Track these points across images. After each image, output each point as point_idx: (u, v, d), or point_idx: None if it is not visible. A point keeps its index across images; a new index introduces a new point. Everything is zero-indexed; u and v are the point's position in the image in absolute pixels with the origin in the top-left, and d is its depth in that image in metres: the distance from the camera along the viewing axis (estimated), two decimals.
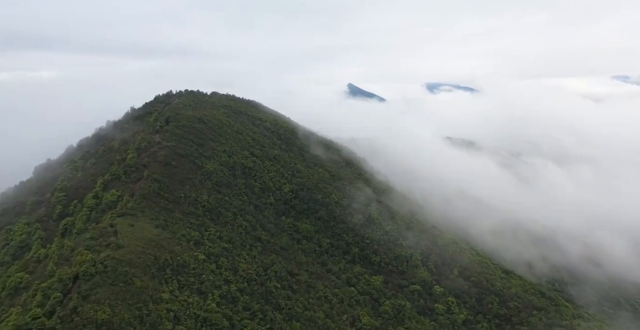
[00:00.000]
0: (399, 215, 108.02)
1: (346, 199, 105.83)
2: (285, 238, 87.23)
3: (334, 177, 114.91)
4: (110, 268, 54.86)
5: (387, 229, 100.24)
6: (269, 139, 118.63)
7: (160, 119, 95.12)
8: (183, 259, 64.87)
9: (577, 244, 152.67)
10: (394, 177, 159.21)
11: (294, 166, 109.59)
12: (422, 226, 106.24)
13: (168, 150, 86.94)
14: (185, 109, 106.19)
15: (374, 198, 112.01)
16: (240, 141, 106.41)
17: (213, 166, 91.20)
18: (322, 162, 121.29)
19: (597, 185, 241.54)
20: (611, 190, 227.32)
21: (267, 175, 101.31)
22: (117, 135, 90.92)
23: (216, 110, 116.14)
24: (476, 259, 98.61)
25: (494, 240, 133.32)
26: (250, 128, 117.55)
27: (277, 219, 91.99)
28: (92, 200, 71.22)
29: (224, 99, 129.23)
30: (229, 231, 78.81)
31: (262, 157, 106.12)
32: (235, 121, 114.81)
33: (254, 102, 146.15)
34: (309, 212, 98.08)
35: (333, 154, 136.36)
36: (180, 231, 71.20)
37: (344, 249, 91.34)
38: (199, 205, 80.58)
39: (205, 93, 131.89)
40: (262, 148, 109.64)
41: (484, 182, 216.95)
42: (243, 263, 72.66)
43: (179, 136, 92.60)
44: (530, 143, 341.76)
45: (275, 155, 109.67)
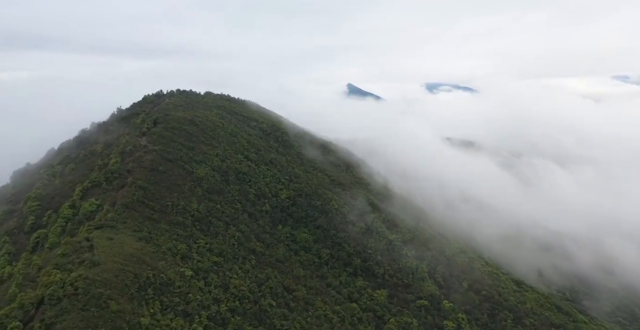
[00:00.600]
0: (402, 222, 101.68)
1: (347, 206, 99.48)
2: (282, 249, 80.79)
3: (333, 182, 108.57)
4: (82, 290, 48.30)
5: (390, 237, 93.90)
6: (265, 141, 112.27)
7: (147, 120, 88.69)
8: (167, 276, 58.36)
9: (586, 249, 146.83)
10: (394, 179, 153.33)
11: (292, 171, 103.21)
12: (427, 234, 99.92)
13: (155, 154, 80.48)
14: (175, 109, 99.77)
15: (376, 204, 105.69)
16: (234, 144, 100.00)
17: (204, 171, 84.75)
18: (321, 166, 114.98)
19: (601, 186, 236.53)
20: (615, 192, 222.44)
21: (263, 180, 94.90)
22: (101, 138, 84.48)
23: (209, 111, 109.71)
24: (486, 269, 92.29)
25: (500, 246, 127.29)
26: (245, 130, 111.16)
27: (273, 228, 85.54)
28: (68, 210, 64.71)
29: (218, 99, 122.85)
30: (220, 243, 72.32)
31: (258, 161, 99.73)
32: (229, 123, 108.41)
33: (250, 102, 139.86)
34: (308, 221, 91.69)
35: (333, 157, 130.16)
36: (166, 244, 64.69)
37: (344, 260, 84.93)
38: (188, 215, 74.12)
39: (199, 93, 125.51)
40: (257, 151, 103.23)
41: (486, 184, 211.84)
42: (235, 279, 66.20)
43: (167, 139, 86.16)
44: (530, 143, 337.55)
45: (272, 159, 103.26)
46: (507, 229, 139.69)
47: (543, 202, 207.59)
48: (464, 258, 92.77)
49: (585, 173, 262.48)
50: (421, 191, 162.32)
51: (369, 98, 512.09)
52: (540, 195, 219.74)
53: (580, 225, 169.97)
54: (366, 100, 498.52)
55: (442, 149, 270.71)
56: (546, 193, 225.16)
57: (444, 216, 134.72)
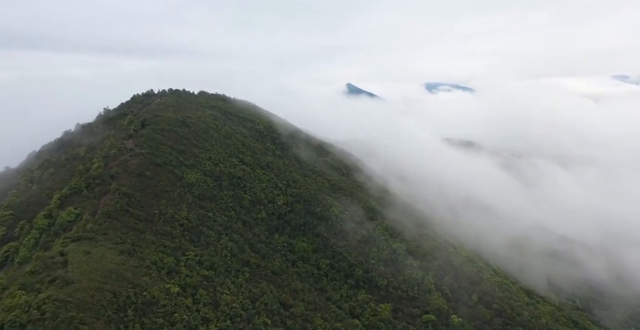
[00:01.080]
0: (405, 229, 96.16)
1: (347, 212, 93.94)
2: (278, 260, 75.20)
3: (333, 186, 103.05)
4: (50, 314, 42.73)
5: (393, 246, 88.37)
6: (262, 143, 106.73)
7: (135, 121, 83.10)
8: (151, 294, 52.75)
9: (594, 254, 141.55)
10: (394, 182, 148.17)
11: (290, 175, 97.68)
12: (432, 242, 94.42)
13: (142, 158, 74.87)
14: (166, 110, 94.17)
15: (378, 210, 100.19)
16: (228, 147, 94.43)
17: (195, 176, 79.14)
18: (320, 170, 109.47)
19: (605, 188, 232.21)
20: (619, 194, 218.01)
21: (259, 185, 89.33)
22: (85, 141, 78.88)
23: (202, 112, 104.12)
24: (496, 280, 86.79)
25: (506, 252, 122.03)
26: (240, 132, 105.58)
27: (269, 237, 79.97)
28: (43, 220, 59.09)
29: (212, 99, 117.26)
30: (211, 254, 66.72)
31: (253, 165, 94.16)
32: (223, 124, 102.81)
33: (246, 102, 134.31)
34: (306, 228, 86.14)
35: (332, 159, 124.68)
36: (151, 257, 59.07)
37: (345, 271, 79.36)
38: (177, 224, 68.51)
39: (192, 92, 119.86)
40: (253, 154, 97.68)
41: (488, 186, 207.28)
42: (226, 294, 60.60)
43: (156, 142, 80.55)
44: (530, 143, 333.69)
45: (268, 163, 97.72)
46: (512, 233, 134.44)
47: (547, 204, 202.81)
48: (473, 268, 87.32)
49: (588, 174, 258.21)
50: (422, 194, 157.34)
51: (369, 98, 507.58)
52: (543, 198, 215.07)
53: (587, 229, 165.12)
54: (366, 100, 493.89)
55: (442, 150, 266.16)
56: (550, 195, 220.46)
57: (447, 221, 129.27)
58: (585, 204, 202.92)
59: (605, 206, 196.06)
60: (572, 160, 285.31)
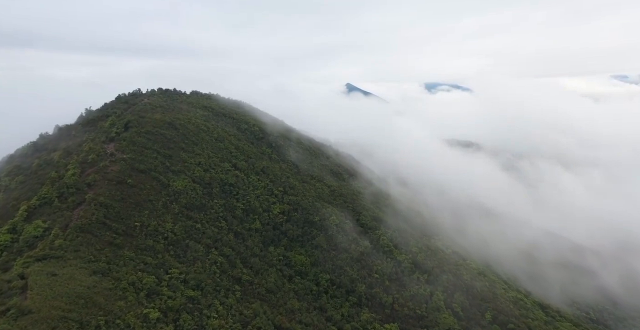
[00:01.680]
0: (411, 238, 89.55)
1: (349, 221, 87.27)
2: (273, 276, 68.42)
3: (333, 193, 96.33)
4: None
5: (399, 258, 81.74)
6: (257, 147, 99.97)
7: (117, 123, 76.26)
8: (125, 322, 45.90)
9: (606, 262, 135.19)
10: (397, 186, 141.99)
11: (286, 181, 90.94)
12: (441, 253, 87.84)
13: (123, 164, 68.02)
14: (153, 111, 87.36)
15: (381, 217, 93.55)
16: (220, 151, 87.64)
17: (183, 184, 72.32)
18: (319, 175, 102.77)
19: (610, 190, 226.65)
20: (626, 196, 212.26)
21: (253, 193, 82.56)
22: (62, 145, 72.05)
23: (193, 113, 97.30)
24: (510, 295, 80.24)
25: (515, 261, 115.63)
26: (234, 134, 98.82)
27: (263, 250, 73.18)
28: (6, 236, 52.18)
29: (204, 99, 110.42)
30: (198, 272, 59.90)
31: (247, 171, 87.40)
32: (215, 126, 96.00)
33: (241, 102, 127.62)
34: (304, 239, 79.46)
35: (332, 163, 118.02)
36: (129, 277, 52.20)
37: (347, 286, 72.65)
38: (160, 237, 61.67)
39: (184, 92, 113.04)
40: (247, 159, 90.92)
41: (492, 189, 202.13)
42: (214, 318, 53.81)
43: (140, 146, 73.72)
44: (531, 143, 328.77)
45: (264, 168, 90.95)
46: (520, 241, 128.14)
47: (553, 208, 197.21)
48: (484, 282, 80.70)
49: (592, 175, 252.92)
50: (425, 199, 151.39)
51: (368, 98, 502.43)
52: (548, 201, 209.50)
53: (596, 235, 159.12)
54: (365, 100, 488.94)
55: (443, 152, 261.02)
56: (555, 198, 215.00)
57: (452, 228, 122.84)
58: (592, 207, 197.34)
59: (612, 209, 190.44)
60: (574, 160, 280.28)
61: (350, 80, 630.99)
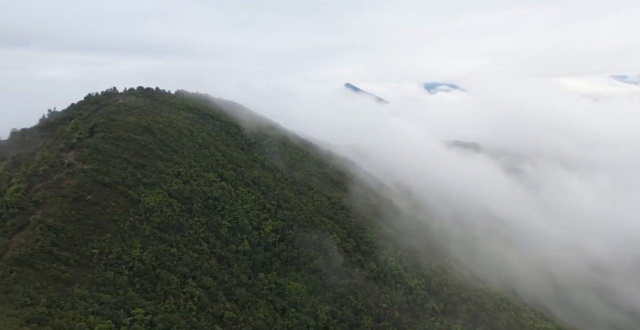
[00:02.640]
0: (423, 259, 78.47)
1: (352, 240, 76.19)
2: (263, 310, 57.24)
3: (335, 205, 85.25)
4: None
5: (410, 283, 70.66)
6: (248, 154, 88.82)
7: (82, 127, 65.10)
8: None
9: (631, 279, 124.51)
10: (400, 193, 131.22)
11: (281, 192, 79.80)
12: (458, 276, 76.78)
13: (83, 176, 56.79)
14: (127, 113, 76.17)
15: (388, 234, 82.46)
16: (204, 159, 76.44)
17: (157, 199, 61.11)
18: (318, 185, 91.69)
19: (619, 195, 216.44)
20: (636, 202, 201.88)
21: (242, 208, 71.39)
22: (11, 153, 60.80)
23: (176, 115, 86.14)
24: (540, 327, 69.18)
25: (534, 279, 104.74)
26: (222, 139, 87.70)
27: (252, 278, 62.02)
28: None
29: (190, 99, 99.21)
30: (170, 310, 48.65)
31: (236, 181, 76.22)
32: (200, 130, 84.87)
33: (233, 103, 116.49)
34: (300, 262, 68.35)
35: (333, 171, 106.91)
36: (75, 324, 40.98)
37: (351, 320, 61.56)
38: (124, 267, 50.45)
39: (168, 91, 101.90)
40: (236, 168, 79.76)
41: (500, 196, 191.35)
42: None
43: (106, 154, 62.51)
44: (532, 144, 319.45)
45: (255, 178, 79.80)
46: (536, 255, 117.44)
47: (564, 215, 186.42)
48: (510, 311, 69.64)
49: (598, 179, 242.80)
50: (430, 207, 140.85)
51: (368, 98, 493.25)
52: (558, 207, 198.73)
53: (616, 247, 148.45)
54: (364, 101, 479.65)
55: (445, 154, 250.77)
56: (564, 204, 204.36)
57: (463, 241, 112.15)
58: (604, 214, 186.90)
59: (626, 217, 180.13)
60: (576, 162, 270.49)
61: (350, 80, 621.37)
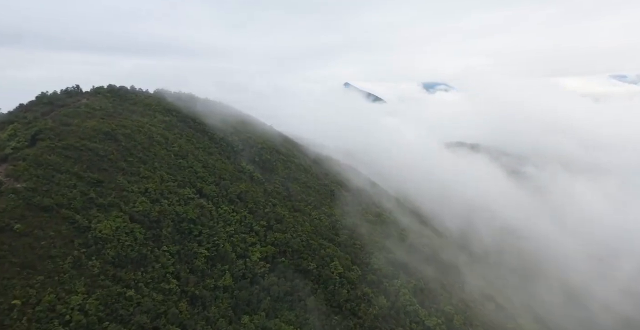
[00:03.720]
0: (442, 291, 66.12)
1: (357, 268, 63.74)
2: None
3: (336, 225, 72.79)
4: None
5: (429, 323, 58.26)
6: (235, 163, 76.27)
7: (22, 134, 52.52)
8: None
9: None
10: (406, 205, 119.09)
11: (272, 210, 67.29)
12: (484, 312, 64.41)
13: (14, 198, 44.14)
14: (87, 116, 63.56)
15: (400, 260, 70.02)
16: (180, 171, 63.85)
17: (113, 225, 48.44)
18: (317, 199, 79.20)
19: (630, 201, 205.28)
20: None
21: (224, 231, 58.83)
22: None
23: (150, 118, 73.53)
24: None
25: (566, 311, 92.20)
26: (204, 146, 75.14)
27: (234, 322, 49.42)
28: None
29: (169, 100, 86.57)
30: None
31: (218, 198, 63.66)
32: (178, 136, 72.33)
33: (220, 104, 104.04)
34: (294, 299, 55.80)
35: (333, 180, 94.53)
36: None
37: None
38: (57, 323, 37.77)
39: (145, 91, 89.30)
40: (219, 181, 67.20)
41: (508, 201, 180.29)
42: None
43: (51, 168, 49.90)
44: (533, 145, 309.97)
45: (242, 193, 67.24)
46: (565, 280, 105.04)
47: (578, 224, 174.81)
48: None
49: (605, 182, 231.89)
50: (438, 220, 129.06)
51: (366, 98, 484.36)
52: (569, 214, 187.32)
53: None
54: (363, 101, 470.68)
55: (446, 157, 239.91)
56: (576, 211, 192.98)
57: (481, 263, 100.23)
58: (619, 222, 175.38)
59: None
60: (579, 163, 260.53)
61: (349, 80, 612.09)
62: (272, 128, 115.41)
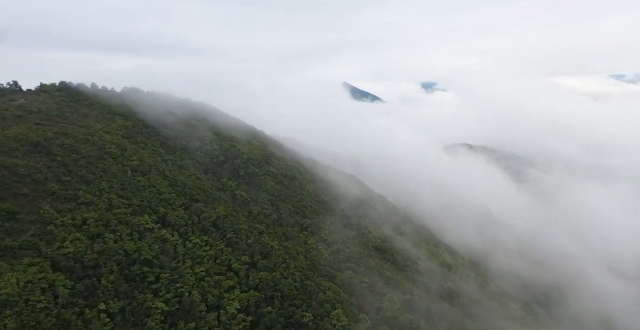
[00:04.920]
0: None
1: (366, 317, 49.40)
2: None
3: (338, 256, 58.45)
4: None
5: None
6: (214, 179, 61.85)
7: None
8: None
9: None
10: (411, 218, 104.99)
11: (258, 240, 52.89)
12: None
13: None
14: (16, 120, 48.93)
15: (418, 303, 55.67)
16: (137, 192, 49.34)
17: (21, 279, 33.88)
18: (314, 223, 64.63)
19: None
20: None
21: (191, 273, 44.40)
22: None
23: (105, 123, 58.97)
24: None
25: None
26: (174, 158, 60.66)
27: None
28: None
29: (135, 102, 71.78)
30: None
31: (187, 227, 49.19)
32: (139, 146, 57.80)
33: (204, 105, 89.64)
34: None
35: (332, 195, 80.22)
36: None
37: None
38: None
39: (110, 89, 74.62)
40: (190, 203, 52.77)
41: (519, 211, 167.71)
42: None
43: None
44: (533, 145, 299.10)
45: (219, 219, 52.84)
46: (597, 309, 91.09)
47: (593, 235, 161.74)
48: None
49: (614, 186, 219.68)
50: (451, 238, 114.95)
51: (365, 98, 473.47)
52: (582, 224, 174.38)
53: None
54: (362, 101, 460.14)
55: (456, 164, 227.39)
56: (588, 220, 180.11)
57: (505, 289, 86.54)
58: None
59: None
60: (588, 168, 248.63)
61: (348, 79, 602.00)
62: (263, 133, 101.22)
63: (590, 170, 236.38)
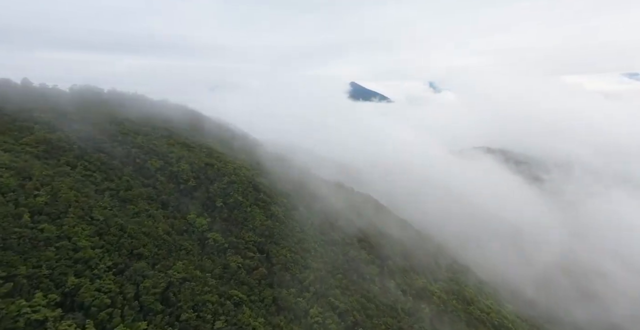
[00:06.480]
0: None
1: None
2: None
3: (368, 316, 38.93)
4: None
5: None
6: (172, 215, 42.88)
7: None
8: None
9: None
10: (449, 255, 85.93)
11: (233, 320, 33.68)
12: None
13: None
14: None
15: None
16: (27, 253, 30.38)
17: None
18: (326, 275, 45.24)
19: None
20: None
21: None
22: None
23: (12, 135, 40.29)
24: None
25: None
26: (115, 185, 41.73)
27: None
28: None
29: (90, 103, 53.03)
30: None
31: (111, 310, 30.17)
32: (60, 172, 38.93)
33: (184, 109, 70.72)
34: None
35: (356, 237, 60.29)
36: None
37: None
38: None
39: (53, 86, 56.09)
40: (121, 262, 33.79)
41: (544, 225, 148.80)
42: None
43: None
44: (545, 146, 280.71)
45: (169, 288, 33.75)
46: None
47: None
48: None
49: None
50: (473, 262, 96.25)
51: (373, 98, 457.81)
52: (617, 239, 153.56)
53: None
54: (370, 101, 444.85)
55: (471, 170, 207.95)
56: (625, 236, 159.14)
57: None
58: None
59: None
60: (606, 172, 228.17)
61: (355, 79, 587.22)
62: (256, 142, 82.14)
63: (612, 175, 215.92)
